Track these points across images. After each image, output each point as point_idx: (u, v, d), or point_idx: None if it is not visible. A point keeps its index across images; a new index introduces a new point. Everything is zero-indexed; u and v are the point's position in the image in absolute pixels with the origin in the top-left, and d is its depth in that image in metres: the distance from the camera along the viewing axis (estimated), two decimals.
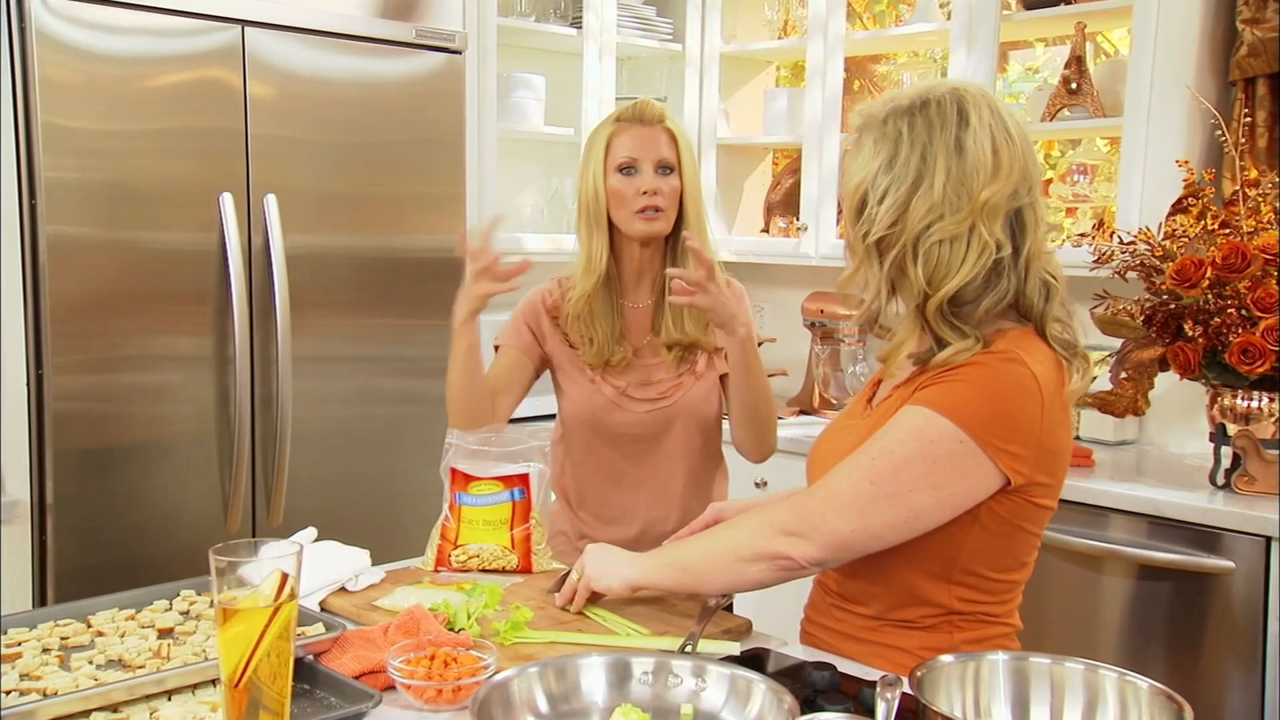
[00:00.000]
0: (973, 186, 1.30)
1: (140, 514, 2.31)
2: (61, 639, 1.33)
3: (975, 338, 1.32)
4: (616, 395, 1.93)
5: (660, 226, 1.88)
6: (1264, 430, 2.27)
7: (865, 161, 1.35)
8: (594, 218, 1.90)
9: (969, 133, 1.31)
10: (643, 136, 1.88)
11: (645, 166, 1.87)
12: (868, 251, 1.36)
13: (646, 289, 1.96)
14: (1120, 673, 1.11)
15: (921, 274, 1.31)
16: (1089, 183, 3.00)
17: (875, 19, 3.77)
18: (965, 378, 1.30)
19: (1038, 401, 1.30)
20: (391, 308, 2.66)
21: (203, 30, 2.33)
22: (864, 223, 1.35)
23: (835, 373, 3.27)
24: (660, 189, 1.86)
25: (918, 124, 1.33)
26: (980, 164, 1.30)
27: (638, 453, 1.95)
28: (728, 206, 3.62)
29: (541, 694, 1.14)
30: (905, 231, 1.32)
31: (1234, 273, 2.18)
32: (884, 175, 1.33)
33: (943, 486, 1.29)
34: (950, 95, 1.34)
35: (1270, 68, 2.54)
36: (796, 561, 1.33)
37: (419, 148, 2.68)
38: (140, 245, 2.28)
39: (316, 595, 1.53)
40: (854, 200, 1.37)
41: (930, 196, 1.30)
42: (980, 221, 1.30)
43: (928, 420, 1.29)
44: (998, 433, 1.28)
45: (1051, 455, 1.33)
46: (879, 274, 1.36)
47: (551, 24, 3.25)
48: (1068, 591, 2.34)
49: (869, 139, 1.36)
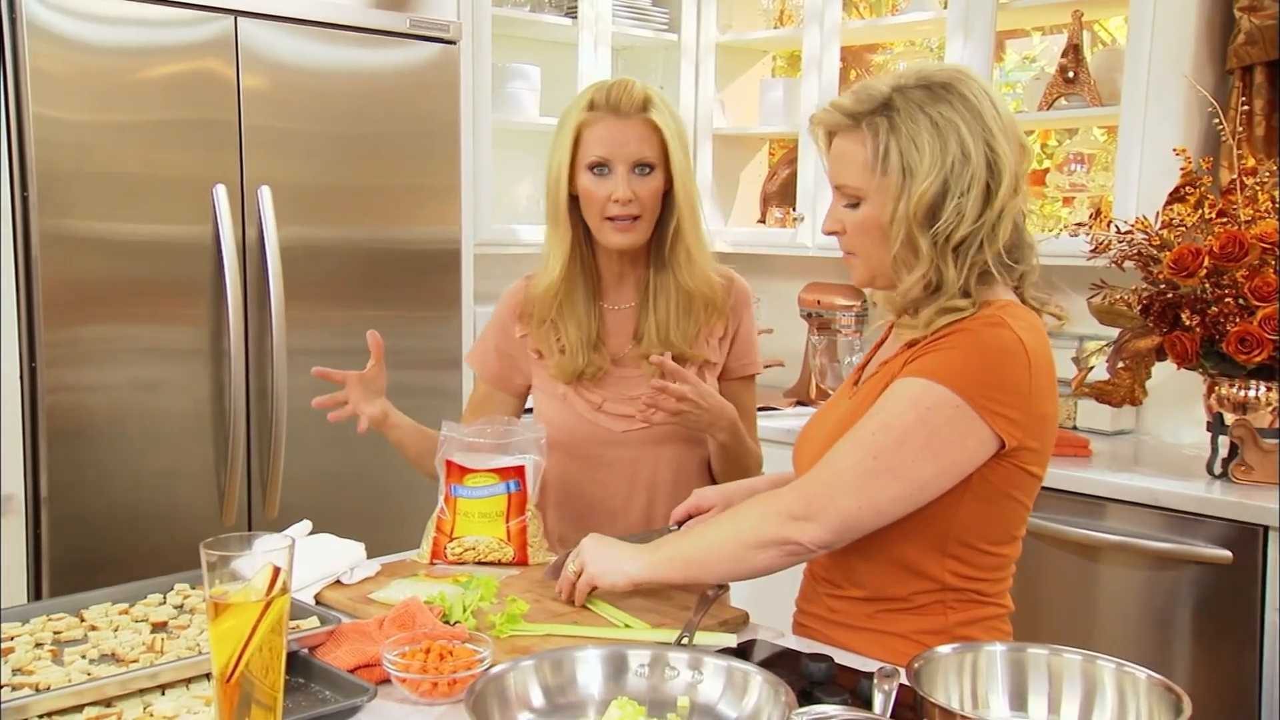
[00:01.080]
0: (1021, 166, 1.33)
1: (135, 507, 2.31)
2: (54, 633, 1.33)
3: (975, 302, 1.33)
4: (590, 411, 1.73)
5: (635, 238, 1.66)
6: (1261, 419, 2.26)
7: (934, 156, 1.29)
8: (557, 214, 1.69)
9: (1000, 112, 1.33)
10: (617, 131, 1.63)
11: (619, 168, 1.63)
12: (942, 251, 1.31)
13: (630, 290, 1.75)
14: (1118, 663, 1.10)
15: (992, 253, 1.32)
16: (1086, 172, 2.99)
17: (871, 8, 3.76)
18: (954, 344, 1.30)
19: (1025, 365, 1.30)
20: (386, 299, 2.65)
21: (195, 21, 2.32)
22: (947, 221, 1.30)
23: (832, 363, 3.27)
24: (636, 194, 1.63)
25: (963, 110, 1.31)
26: (1014, 139, 1.34)
27: (615, 479, 1.74)
28: (724, 197, 3.61)
29: (537, 687, 1.14)
30: (988, 222, 1.31)
31: (1231, 262, 2.17)
32: (962, 168, 1.29)
33: (944, 454, 1.29)
34: (956, 75, 1.34)
35: (1268, 55, 2.53)
36: (805, 546, 1.32)
37: (413, 139, 2.66)
38: (133, 238, 2.27)
39: (311, 588, 1.52)
40: (925, 200, 1.29)
41: (1004, 181, 1.30)
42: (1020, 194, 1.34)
43: (923, 389, 1.29)
44: (991, 395, 1.28)
45: (1040, 420, 1.33)
46: (958, 269, 1.31)
47: (546, 14, 3.23)
48: (1064, 581, 2.34)
49: (918, 132, 1.30)
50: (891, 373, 1.37)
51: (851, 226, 1.38)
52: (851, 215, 1.38)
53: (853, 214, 1.38)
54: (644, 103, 1.65)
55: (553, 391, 1.77)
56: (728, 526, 1.38)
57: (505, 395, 1.84)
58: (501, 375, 1.83)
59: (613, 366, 1.74)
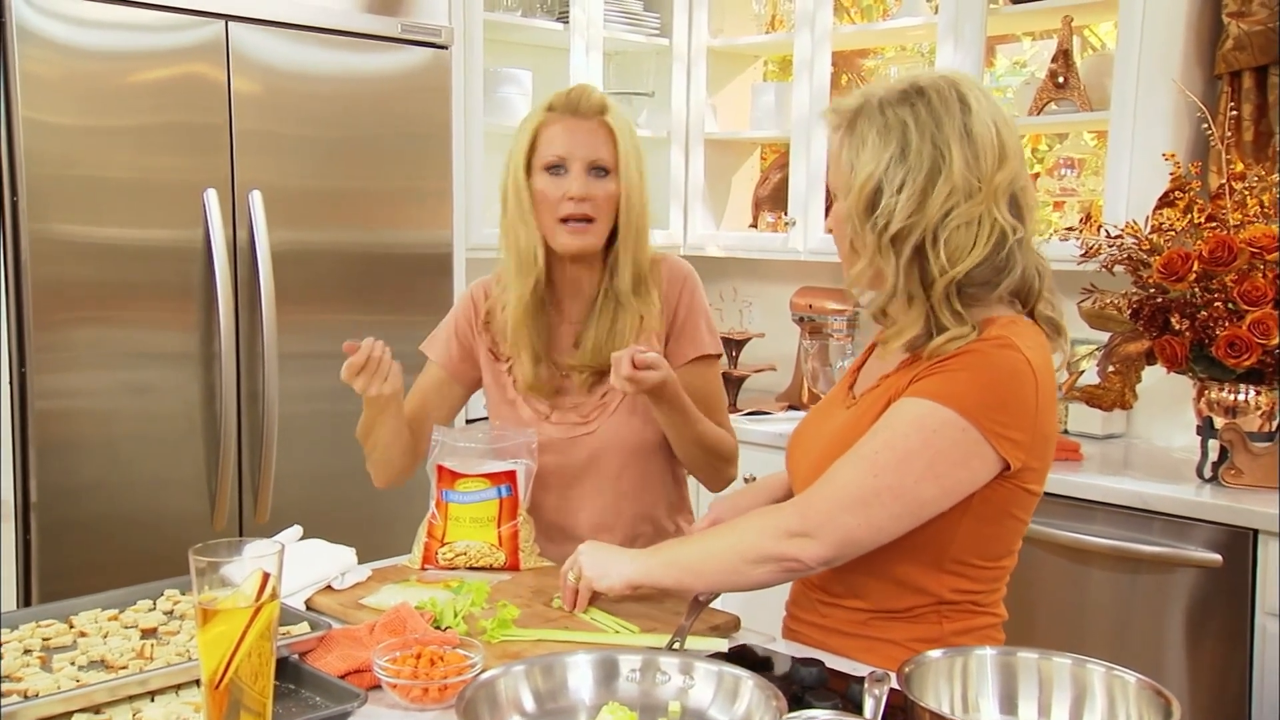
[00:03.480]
0: (984, 170, 1.31)
1: (125, 512, 2.30)
2: (43, 640, 1.32)
3: (972, 325, 1.32)
4: (535, 420, 1.73)
5: (589, 241, 1.64)
6: (1251, 423, 2.27)
7: (873, 153, 1.32)
8: (519, 216, 1.66)
9: (974, 117, 1.32)
10: (575, 131, 1.62)
11: (575, 167, 1.62)
12: (881, 245, 1.33)
13: (582, 304, 1.73)
14: (1108, 667, 1.11)
15: (943, 259, 1.31)
16: (1076, 176, 3.00)
17: (863, 13, 3.76)
18: (962, 365, 1.30)
19: (1033, 386, 1.31)
20: (378, 303, 2.65)
21: (186, 25, 2.32)
22: (880, 215, 1.32)
23: (824, 367, 3.27)
24: (592, 194, 1.62)
25: (921, 112, 1.32)
26: (989, 147, 1.32)
27: (565, 486, 1.73)
28: (716, 201, 3.61)
29: (528, 692, 1.14)
30: (924, 220, 1.31)
31: (1220, 266, 2.18)
32: (898, 165, 1.31)
33: (946, 476, 1.29)
34: (944, 82, 1.34)
35: (1256, 61, 2.55)
36: (804, 563, 1.32)
37: (405, 143, 2.66)
38: (124, 242, 2.27)
39: (302, 594, 1.52)
40: (865, 194, 1.33)
41: (950, 182, 1.30)
42: (993, 204, 1.31)
43: (929, 411, 1.29)
44: (998, 419, 1.28)
45: (1044, 440, 1.34)
46: (895, 266, 1.33)
47: (538, 18, 3.24)
48: (1056, 585, 2.35)
49: (869, 130, 1.33)
50: (895, 388, 1.36)
51: (834, 221, 1.43)
52: (837, 210, 1.42)
53: (837, 208, 1.42)
54: (603, 105, 1.66)
55: (503, 396, 1.77)
56: (728, 538, 1.38)
57: (457, 386, 1.82)
58: (459, 365, 1.81)
59: (563, 378, 1.74)
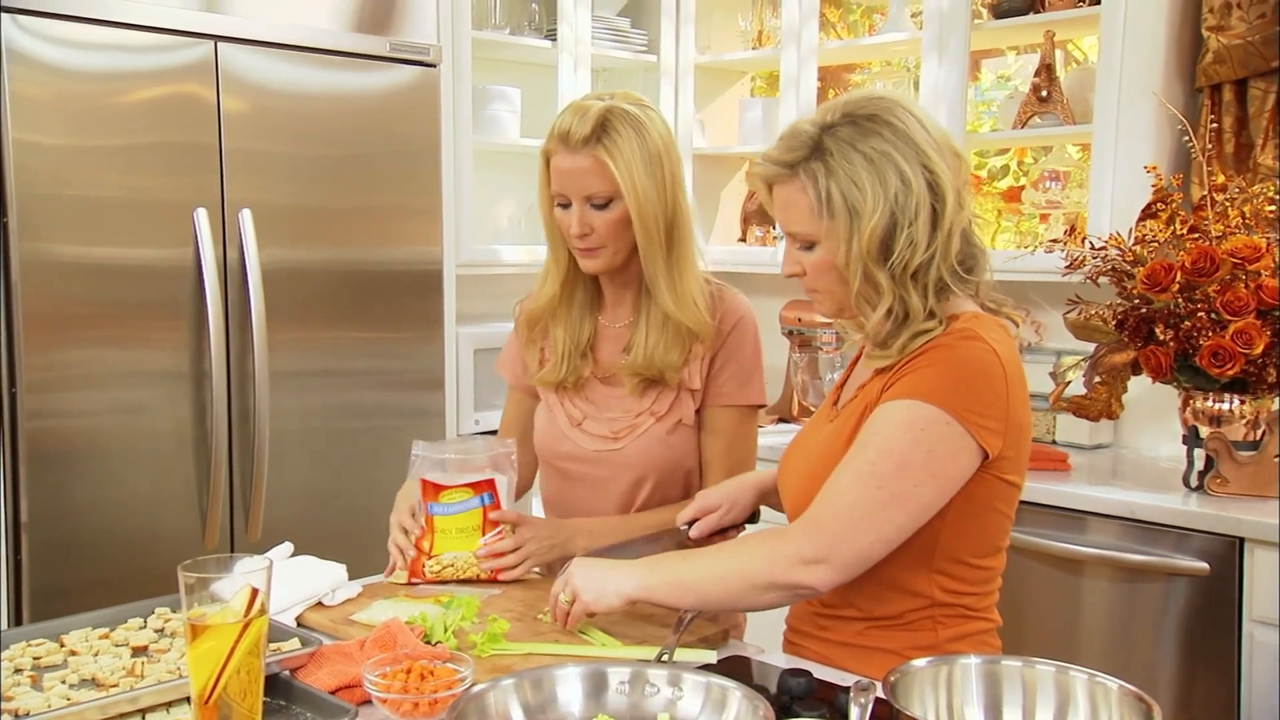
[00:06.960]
0: (961, 173, 1.34)
1: (116, 531, 2.30)
2: (34, 659, 1.32)
3: (939, 319, 1.34)
4: (569, 426, 1.74)
5: (600, 264, 1.66)
6: (1235, 432, 2.29)
7: (875, 190, 1.29)
8: (550, 235, 1.71)
9: (926, 126, 1.34)
10: (568, 169, 1.61)
11: (574, 202, 1.63)
12: (902, 280, 1.31)
13: (626, 308, 1.74)
14: (1090, 674, 1.12)
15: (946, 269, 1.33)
16: (1061, 189, 3.03)
17: (849, 29, 3.79)
18: (931, 361, 1.31)
19: (1001, 375, 1.32)
20: (368, 321, 2.66)
21: (175, 46, 2.33)
22: (901, 252, 1.30)
23: (813, 380, 3.28)
24: (594, 226, 1.62)
25: (889, 136, 1.31)
26: (947, 149, 1.34)
27: (588, 494, 1.74)
28: (704, 216, 3.63)
29: (518, 705, 1.14)
30: (939, 242, 1.31)
31: (1203, 277, 2.20)
32: (905, 196, 1.30)
33: (941, 473, 1.30)
34: (879, 103, 1.35)
35: (1235, 74, 2.58)
36: (818, 590, 1.31)
37: (394, 161, 2.68)
38: (114, 261, 2.28)
39: (293, 610, 1.52)
40: (879, 235, 1.29)
41: (946, 196, 1.31)
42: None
43: (911, 409, 1.30)
44: (974, 408, 1.30)
45: (1019, 429, 1.35)
46: (923, 296, 1.32)
47: (526, 36, 3.26)
48: (1045, 595, 2.36)
49: (856, 169, 1.30)
50: (869, 398, 1.37)
51: (810, 268, 1.38)
52: (808, 257, 1.38)
53: (809, 256, 1.38)
54: (594, 134, 1.59)
55: (543, 399, 1.79)
56: (734, 562, 1.34)
57: (529, 399, 1.84)
58: (521, 378, 1.84)
59: (601, 384, 1.74)
